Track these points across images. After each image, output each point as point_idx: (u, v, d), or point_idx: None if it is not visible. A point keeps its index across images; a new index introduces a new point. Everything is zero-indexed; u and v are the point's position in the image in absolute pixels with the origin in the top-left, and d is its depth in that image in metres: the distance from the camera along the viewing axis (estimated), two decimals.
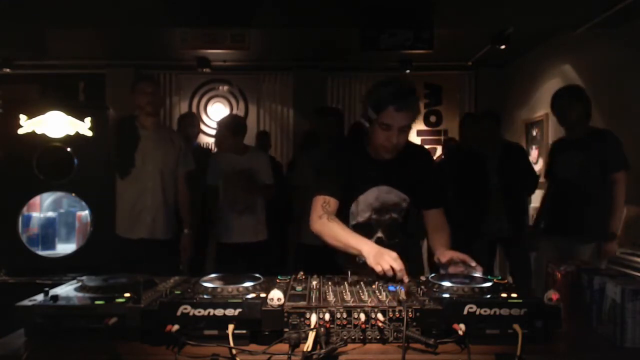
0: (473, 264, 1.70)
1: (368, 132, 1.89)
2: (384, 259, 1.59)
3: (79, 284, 1.44)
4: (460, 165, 3.95)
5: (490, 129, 3.76)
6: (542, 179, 3.71)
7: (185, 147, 3.26)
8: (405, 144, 1.96)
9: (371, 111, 1.81)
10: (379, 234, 1.96)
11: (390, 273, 1.56)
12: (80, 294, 1.36)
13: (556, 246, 3.11)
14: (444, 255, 1.79)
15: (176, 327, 1.18)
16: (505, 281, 1.47)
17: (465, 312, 1.22)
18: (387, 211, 1.94)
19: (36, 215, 2.62)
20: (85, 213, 2.57)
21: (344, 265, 1.84)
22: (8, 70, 5.51)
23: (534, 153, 5.27)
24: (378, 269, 1.59)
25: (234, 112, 6.38)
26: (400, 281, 1.54)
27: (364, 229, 1.93)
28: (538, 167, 4.89)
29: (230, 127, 3.68)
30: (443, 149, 4.93)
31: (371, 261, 1.63)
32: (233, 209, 3.63)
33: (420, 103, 1.90)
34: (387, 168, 1.91)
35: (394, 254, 1.63)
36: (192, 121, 4.48)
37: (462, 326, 1.19)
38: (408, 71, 5.66)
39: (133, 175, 2.95)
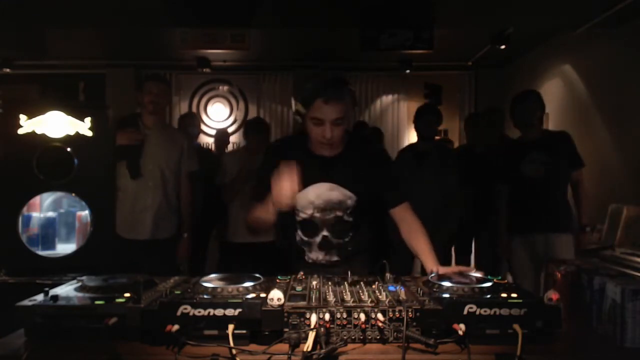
0: (472, 271, 1.63)
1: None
2: (276, 187, 1.62)
3: (79, 284, 1.45)
4: (474, 161, 4.01)
5: (493, 126, 3.95)
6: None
7: (190, 148, 3.24)
8: (354, 138, 1.92)
9: (300, 106, 1.74)
10: (325, 232, 1.86)
11: (285, 191, 1.60)
12: (80, 294, 1.36)
13: (527, 243, 3.25)
14: (438, 269, 1.71)
15: (176, 327, 1.18)
16: (505, 281, 1.47)
17: (465, 312, 1.22)
18: (331, 209, 1.83)
19: (36, 215, 2.62)
20: (85, 213, 2.56)
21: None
22: (8, 70, 5.50)
23: None
24: (282, 200, 1.63)
25: (234, 112, 6.38)
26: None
27: (309, 227, 1.87)
28: None
29: (260, 129, 3.80)
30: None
31: (275, 201, 1.65)
32: (245, 208, 3.65)
33: (354, 95, 1.79)
34: (330, 164, 1.83)
35: (283, 170, 1.65)
36: (192, 121, 4.48)
37: (462, 326, 1.19)
38: (408, 71, 5.67)
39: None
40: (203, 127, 6.21)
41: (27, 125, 2.39)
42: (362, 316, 1.21)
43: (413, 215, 1.90)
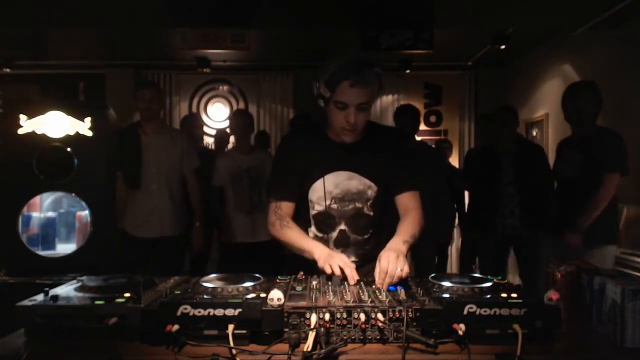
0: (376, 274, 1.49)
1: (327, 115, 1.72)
2: (333, 261, 1.53)
3: (79, 284, 1.44)
4: (475, 161, 3.99)
5: (507, 125, 3.76)
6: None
7: (189, 146, 3.43)
8: (374, 125, 1.82)
9: (324, 88, 1.62)
10: (342, 226, 1.76)
11: (338, 274, 1.51)
12: (80, 294, 1.36)
13: (560, 245, 3.05)
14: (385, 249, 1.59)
15: (176, 327, 1.18)
16: (505, 281, 1.47)
17: (465, 312, 1.22)
18: (350, 200, 1.74)
19: (36, 215, 2.62)
20: (85, 213, 2.56)
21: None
22: (8, 70, 5.51)
23: None
24: (327, 270, 1.54)
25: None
26: (353, 281, 1.49)
27: (325, 220, 1.77)
28: None
29: (247, 121, 3.82)
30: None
31: (321, 263, 1.57)
32: (240, 208, 3.66)
33: (381, 79, 1.65)
34: (349, 151, 1.72)
35: (344, 257, 1.58)
36: (195, 123, 4.49)
37: (462, 326, 1.18)
38: (408, 71, 5.67)
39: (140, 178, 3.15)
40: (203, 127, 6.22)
41: (27, 125, 2.40)
42: (362, 316, 1.21)
43: (416, 204, 1.77)
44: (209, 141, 6.20)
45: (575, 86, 3.11)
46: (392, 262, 1.47)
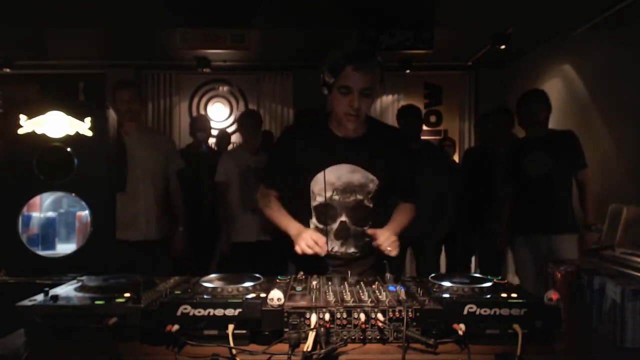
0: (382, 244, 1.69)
1: (330, 106, 1.79)
2: (302, 237, 1.65)
3: (79, 284, 1.45)
4: (471, 161, 4.08)
5: (501, 127, 3.90)
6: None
7: (174, 146, 3.43)
8: (376, 121, 1.92)
9: (328, 75, 1.68)
10: (343, 218, 1.81)
11: (309, 251, 1.61)
12: (80, 294, 1.36)
13: (530, 242, 3.26)
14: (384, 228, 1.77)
15: (176, 327, 1.18)
16: (505, 281, 1.47)
17: (465, 312, 1.22)
18: (351, 192, 1.79)
19: (36, 215, 2.62)
20: (85, 213, 2.56)
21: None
22: (8, 70, 5.51)
23: None
24: (298, 250, 1.65)
25: (234, 112, 6.38)
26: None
27: (326, 211, 1.81)
28: None
29: (257, 121, 3.84)
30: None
31: (294, 242, 1.70)
32: (246, 207, 3.66)
33: (382, 69, 1.73)
34: (352, 145, 1.79)
35: (313, 232, 1.69)
36: (204, 125, 4.49)
37: (462, 326, 1.19)
38: (408, 71, 5.67)
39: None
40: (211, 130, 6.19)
41: (27, 125, 2.39)
42: (362, 316, 1.21)
43: (413, 206, 1.94)
44: (209, 141, 6.20)
45: (529, 94, 3.35)
46: (391, 240, 1.69)
